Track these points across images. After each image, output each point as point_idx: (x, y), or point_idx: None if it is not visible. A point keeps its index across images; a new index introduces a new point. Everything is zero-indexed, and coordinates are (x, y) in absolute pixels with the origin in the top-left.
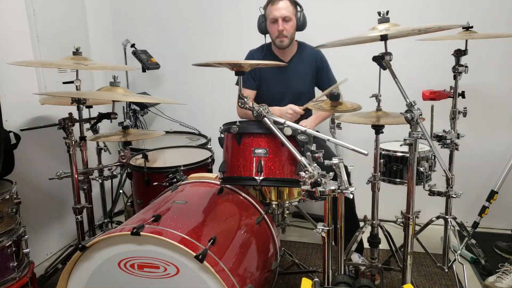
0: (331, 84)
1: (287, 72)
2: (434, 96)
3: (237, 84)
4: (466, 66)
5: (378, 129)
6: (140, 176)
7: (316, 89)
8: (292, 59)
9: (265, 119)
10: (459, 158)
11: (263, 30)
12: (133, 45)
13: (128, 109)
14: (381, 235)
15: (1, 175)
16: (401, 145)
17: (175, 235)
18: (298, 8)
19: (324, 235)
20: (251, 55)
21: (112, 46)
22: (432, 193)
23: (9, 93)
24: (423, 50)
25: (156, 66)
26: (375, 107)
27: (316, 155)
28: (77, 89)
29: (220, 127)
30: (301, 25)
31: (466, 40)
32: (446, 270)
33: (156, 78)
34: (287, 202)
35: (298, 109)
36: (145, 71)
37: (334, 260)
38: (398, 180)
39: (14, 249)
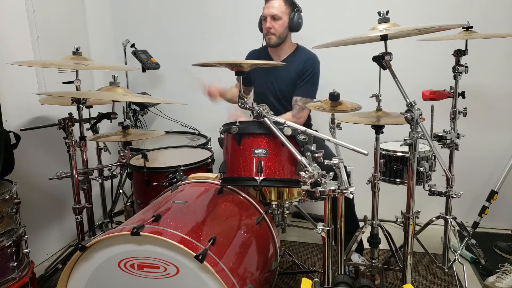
0: (301, 94)
1: (274, 73)
2: (434, 96)
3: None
4: (466, 66)
5: (378, 129)
6: (140, 176)
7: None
8: (285, 60)
9: (265, 119)
10: (459, 158)
11: (261, 28)
12: (133, 45)
13: (128, 109)
14: (381, 235)
15: (1, 175)
16: (401, 145)
17: (175, 235)
18: (294, 9)
19: (324, 235)
20: (250, 55)
21: (112, 46)
22: (432, 193)
23: (9, 93)
24: (423, 50)
25: (156, 66)
26: (375, 107)
27: (316, 155)
28: (77, 89)
29: (220, 128)
30: (294, 26)
31: (466, 40)
32: (446, 270)
33: (156, 78)
34: (287, 202)
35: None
36: (145, 71)
37: (334, 260)
38: (398, 180)
39: (14, 249)
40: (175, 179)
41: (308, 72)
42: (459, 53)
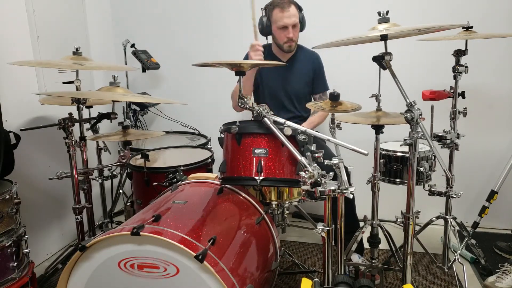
0: (324, 88)
1: (286, 72)
2: (434, 96)
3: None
4: (466, 66)
5: (378, 129)
6: (140, 176)
7: None
8: (291, 59)
9: (265, 119)
10: (459, 158)
11: (266, 32)
12: (133, 45)
13: (128, 109)
14: (381, 235)
15: (1, 175)
16: (401, 145)
17: (175, 235)
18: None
19: (324, 235)
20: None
21: (112, 46)
22: (432, 193)
23: (9, 93)
24: (423, 50)
25: (156, 66)
26: (375, 107)
27: (316, 155)
28: (77, 89)
29: (220, 127)
30: (303, 27)
31: (466, 40)
32: (446, 270)
33: (156, 78)
34: (287, 202)
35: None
36: (145, 71)
37: (334, 260)
38: (398, 180)
39: (14, 249)
40: (175, 179)
41: (320, 67)
42: (459, 53)
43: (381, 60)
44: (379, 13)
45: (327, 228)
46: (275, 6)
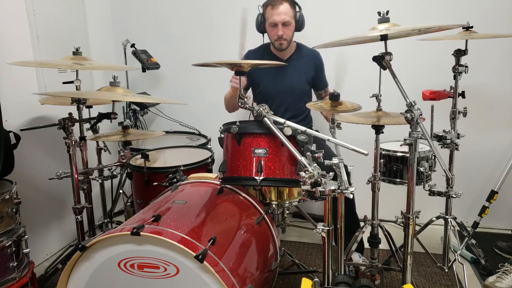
0: (325, 85)
1: (285, 70)
2: (434, 96)
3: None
4: (466, 66)
5: (378, 129)
6: (140, 176)
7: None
8: (290, 57)
9: (265, 119)
10: (459, 158)
11: (261, 29)
12: (133, 45)
13: (128, 109)
14: (381, 235)
15: (1, 175)
16: (401, 145)
17: (175, 235)
18: (297, 9)
19: (324, 235)
20: (248, 56)
21: (112, 46)
22: (432, 193)
23: (9, 93)
24: (423, 50)
25: (156, 66)
26: (375, 107)
27: (316, 155)
28: (77, 89)
29: (220, 127)
30: (299, 26)
31: (466, 40)
32: (446, 270)
33: (156, 78)
34: (287, 202)
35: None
36: (145, 71)
37: (334, 260)
38: (398, 180)
39: (14, 249)
40: (175, 179)
41: (322, 64)
42: (459, 53)
43: (381, 60)
44: (379, 13)
45: (327, 228)
46: (268, 4)
